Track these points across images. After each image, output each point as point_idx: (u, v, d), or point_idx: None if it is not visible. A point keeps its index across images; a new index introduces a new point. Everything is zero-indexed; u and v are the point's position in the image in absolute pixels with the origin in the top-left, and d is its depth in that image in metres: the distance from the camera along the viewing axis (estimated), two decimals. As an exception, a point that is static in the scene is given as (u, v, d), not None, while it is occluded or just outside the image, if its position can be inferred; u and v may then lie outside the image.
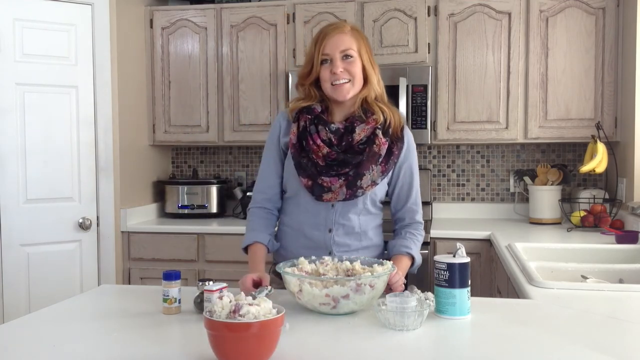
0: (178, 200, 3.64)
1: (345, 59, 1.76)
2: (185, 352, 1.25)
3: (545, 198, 3.29)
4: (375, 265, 1.57)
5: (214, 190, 3.67)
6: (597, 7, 3.15)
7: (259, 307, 1.16)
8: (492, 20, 3.25)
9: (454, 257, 1.48)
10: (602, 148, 3.02)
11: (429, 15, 3.31)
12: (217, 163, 3.98)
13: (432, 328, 1.39)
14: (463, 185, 3.68)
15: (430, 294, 1.53)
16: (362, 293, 1.45)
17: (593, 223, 2.95)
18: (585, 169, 3.05)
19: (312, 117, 1.81)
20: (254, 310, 1.14)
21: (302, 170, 1.79)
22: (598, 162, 3.00)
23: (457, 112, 3.31)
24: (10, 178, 2.99)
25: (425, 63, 3.32)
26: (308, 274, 1.57)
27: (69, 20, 3.14)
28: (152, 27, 3.61)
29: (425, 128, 3.25)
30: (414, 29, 3.32)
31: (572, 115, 3.21)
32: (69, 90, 3.15)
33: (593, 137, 3.09)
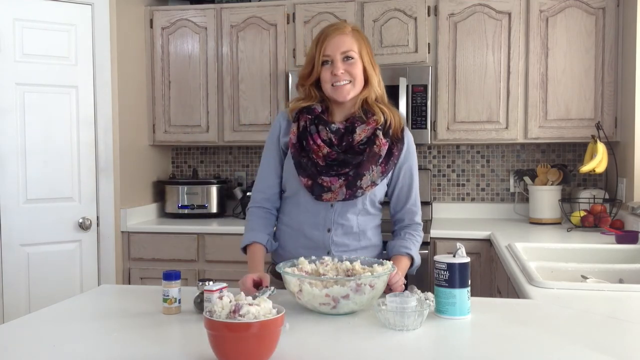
0: (178, 200, 3.65)
1: (346, 60, 1.76)
2: (185, 352, 1.25)
3: (545, 198, 3.29)
4: (375, 265, 1.57)
5: (214, 190, 3.67)
6: (597, 7, 3.15)
7: (259, 307, 1.16)
8: (492, 20, 3.25)
9: (454, 257, 1.48)
10: (602, 148, 3.02)
11: (429, 15, 3.31)
12: (217, 163, 3.98)
13: (432, 328, 1.39)
14: (463, 185, 3.68)
15: (430, 294, 1.53)
16: (362, 293, 1.45)
17: (593, 223, 2.95)
18: (585, 169, 3.05)
19: (312, 117, 1.81)
20: (254, 310, 1.14)
21: (302, 170, 1.79)
22: (598, 162, 3.00)
23: (457, 112, 3.31)
24: (10, 178, 2.99)
25: (425, 63, 3.32)
26: (308, 274, 1.57)
27: (69, 20, 3.14)
28: (152, 27, 3.61)
29: (425, 128, 3.25)
30: (414, 29, 3.32)
31: (572, 115, 3.21)
32: (69, 90, 3.15)
33: (593, 137, 3.09)
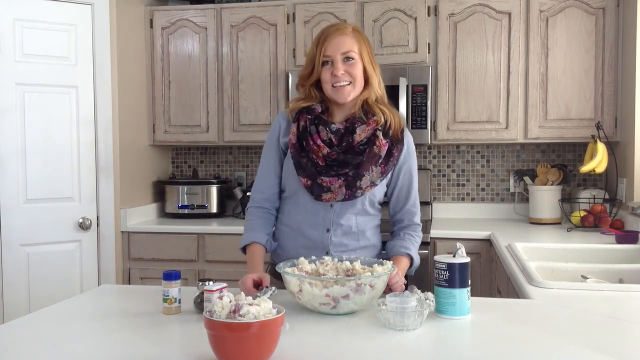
0: (178, 200, 3.65)
1: (347, 61, 1.76)
2: (185, 352, 1.25)
3: (545, 198, 3.29)
4: (375, 265, 1.57)
5: (214, 190, 3.67)
6: (597, 7, 3.15)
7: (259, 307, 1.16)
8: (492, 20, 3.25)
9: (454, 257, 1.48)
10: (602, 148, 3.02)
11: (429, 15, 3.31)
12: (217, 163, 3.98)
13: (432, 328, 1.39)
14: (463, 185, 3.68)
15: (430, 294, 1.53)
16: (362, 293, 1.45)
17: (593, 223, 2.95)
18: (585, 169, 3.05)
19: (312, 117, 1.81)
20: (254, 310, 1.14)
21: (301, 170, 1.79)
22: (598, 162, 3.00)
23: (457, 112, 3.31)
24: (10, 178, 2.99)
25: (425, 63, 3.32)
26: (308, 274, 1.57)
27: (69, 20, 3.14)
28: (152, 27, 3.61)
29: (425, 128, 3.25)
30: (414, 29, 3.32)
31: (572, 115, 3.21)
32: (69, 90, 3.15)
33: (593, 137, 3.09)
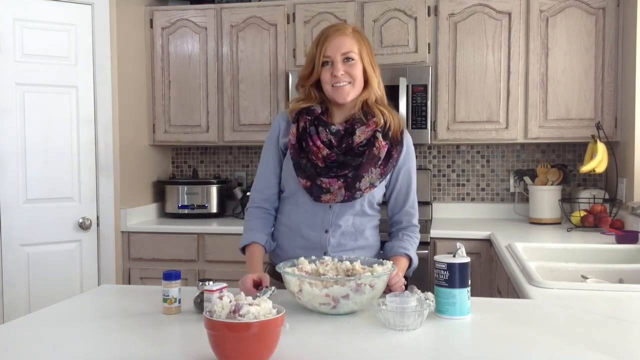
0: (178, 200, 3.65)
1: (346, 62, 1.76)
2: (185, 352, 1.25)
3: (545, 198, 3.29)
4: (375, 265, 1.57)
5: (214, 190, 3.67)
6: (597, 7, 3.15)
7: (259, 307, 1.16)
8: (492, 20, 3.25)
9: (454, 257, 1.48)
10: (602, 148, 3.02)
11: (429, 15, 3.31)
12: (217, 163, 3.98)
13: (432, 328, 1.39)
14: (463, 185, 3.68)
15: (430, 294, 1.53)
16: (362, 293, 1.45)
17: (593, 223, 2.95)
18: (585, 169, 3.05)
19: (312, 118, 1.81)
20: (254, 310, 1.14)
21: (301, 171, 1.79)
22: (598, 162, 3.00)
23: (457, 112, 3.31)
24: (10, 178, 2.99)
25: (425, 63, 3.32)
26: (308, 274, 1.57)
27: (69, 20, 3.14)
28: (152, 27, 3.61)
29: (425, 128, 3.25)
30: (414, 29, 3.32)
31: (572, 115, 3.21)
32: (69, 90, 3.15)
33: (593, 137, 3.09)
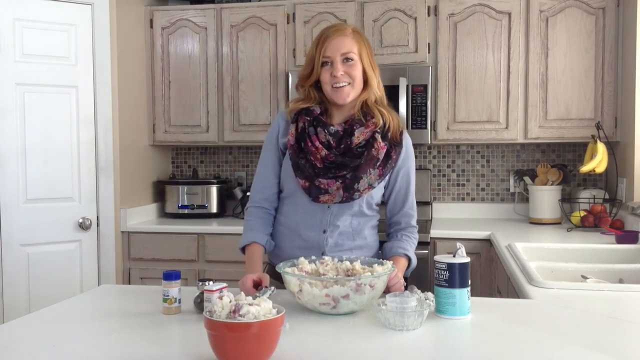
0: (178, 200, 3.65)
1: (346, 62, 1.76)
2: (185, 352, 1.25)
3: (545, 198, 3.29)
4: (375, 265, 1.57)
5: (214, 190, 3.67)
6: (597, 7, 3.15)
7: (259, 307, 1.16)
8: (492, 20, 3.25)
9: (454, 257, 1.48)
10: (602, 148, 3.02)
11: (429, 15, 3.31)
12: (217, 163, 3.98)
13: (432, 328, 1.39)
14: (463, 185, 3.68)
15: (430, 294, 1.53)
16: (362, 293, 1.45)
17: (593, 223, 2.95)
18: (585, 169, 3.05)
19: (310, 118, 1.81)
20: (254, 310, 1.14)
21: (299, 172, 1.79)
22: (598, 162, 3.00)
23: (457, 112, 3.31)
24: (10, 178, 2.99)
25: (425, 63, 3.32)
26: (308, 274, 1.57)
27: (69, 20, 3.14)
28: (152, 27, 3.61)
29: (425, 128, 3.25)
30: (414, 29, 3.32)
31: (572, 115, 3.21)
32: (69, 90, 3.15)
33: (593, 137, 3.09)
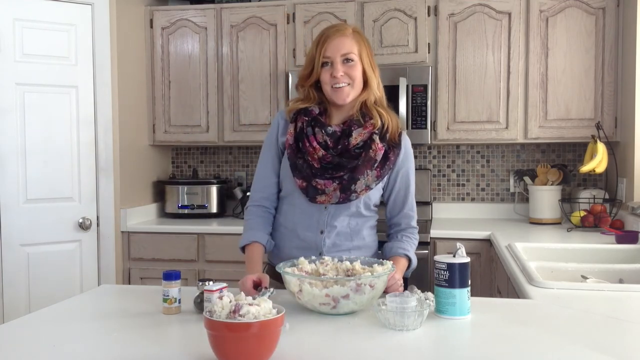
0: (178, 200, 3.64)
1: (346, 63, 1.76)
2: (185, 352, 1.25)
3: (545, 198, 3.29)
4: (375, 265, 1.57)
5: (214, 190, 3.67)
6: (597, 7, 3.15)
7: (259, 307, 1.16)
8: (492, 20, 3.25)
9: (454, 257, 1.48)
10: (602, 148, 3.02)
11: (429, 15, 3.31)
12: (217, 163, 3.98)
13: (432, 328, 1.39)
14: (463, 185, 3.68)
15: (430, 294, 1.53)
16: (362, 293, 1.45)
17: (593, 223, 2.95)
18: (585, 169, 3.05)
19: (309, 118, 1.81)
20: (254, 310, 1.14)
21: (297, 172, 1.79)
22: (598, 162, 3.00)
23: (457, 112, 3.31)
24: (10, 178, 2.99)
25: (425, 63, 3.32)
26: (308, 274, 1.57)
27: (69, 20, 3.14)
28: (152, 27, 3.61)
29: (425, 128, 3.25)
30: (414, 29, 3.32)
31: (572, 115, 3.21)
32: (69, 90, 3.15)
33: (593, 137, 3.09)
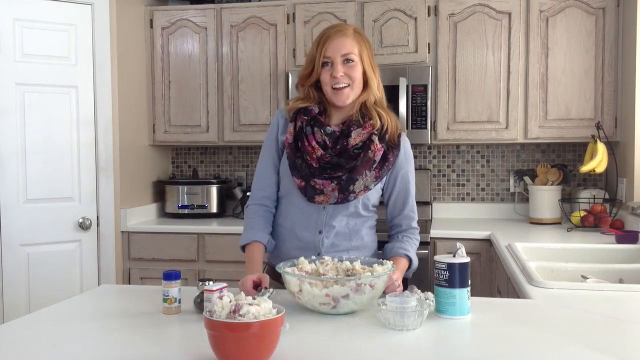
0: (178, 200, 3.64)
1: (346, 63, 1.76)
2: (185, 352, 1.25)
3: (545, 198, 3.29)
4: (375, 265, 1.57)
5: (214, 190, 3.67)
6: (597, 7, 3.15)
7: (259, 307, 1.16)
8: (492, 20, 3.25)
9: (454, 257, 1.48)
10: (602, 148, 3.02)
11: (429, 15, 3.31)
12: (217, 163, 3.98)
13: (432, 328, 1.39)
14: (463, 185, 3.68)
15: (430, 294, 1.53)
16: (362, 293, 1.45)
17: (593, 223, 2.95)
18: (585, 169, 3.04)
19: (308, 118, 1.81)
20: (254, 310, 1.14)
21: (295, 171, 1.79)
22: (598, 162, 3.00)
23: (457, 112, 3.31)
24: (10, 178, 2.99)
25: (425, 63, 3.32)
26: (308, 274, 1.57)
27: (69, 20, 3.14)
28: (152, 27, 3.61)
29: (425, 128, 3.25)
30: (414, 29, 3.32)
31: (572, 115, 3.21)
32: (69, 90, 3.15)
33: (593, 137, 3.09)
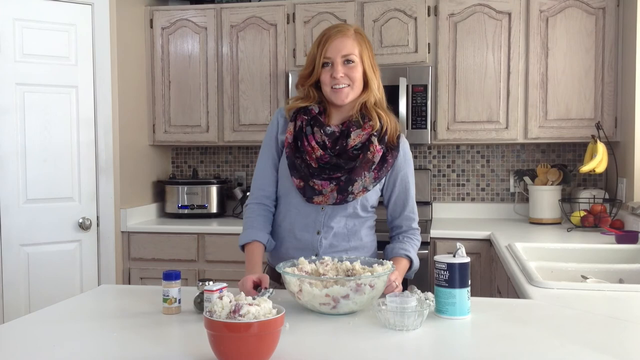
0: (178, 200, 3.64)
1: (347, 64, 1.76)
2: (185, 352, 1.25)
3: (545, 198, 3.29)
4: (375, 265, 1.57)
5: (214, 190, 3.67)
6: (597, 7, 3.15)
7: (259, 307, 1.16)
8: (492, 20, 3.25)
9: (454, 257, 1.48)
10: (602, 148, 3.02)
11: (429, 15, 3.31)
12: (217, 163, 3.98)
13: (432, 328, 1.39)
14: (463, 185, 3.68)
15: (430, 294, 1.53)
16: (362, 293, 1.45)
17: (593, 223, 2.95)
18: (585, 169, 3.05)
19: (308, 118, 1.81)
20: (254, 310, 1.14)
21: (294, 171, 1.79)
22: (598, 162, 3.00)
23: (457, 112, 3.31)
24: (10, 178, 2.99)
25: (425, 63, 3.32)
26: (308, 274, 1.57)
27: (69, 20, 3.14)
28: (152, 27, 3.61)
29: (425, 128, 3.25)
30: (414, 29, 3.32)
31: (572, 115, 3.21)
32: (69, 90, 3.15)
33: (593, 137, 3.09)
